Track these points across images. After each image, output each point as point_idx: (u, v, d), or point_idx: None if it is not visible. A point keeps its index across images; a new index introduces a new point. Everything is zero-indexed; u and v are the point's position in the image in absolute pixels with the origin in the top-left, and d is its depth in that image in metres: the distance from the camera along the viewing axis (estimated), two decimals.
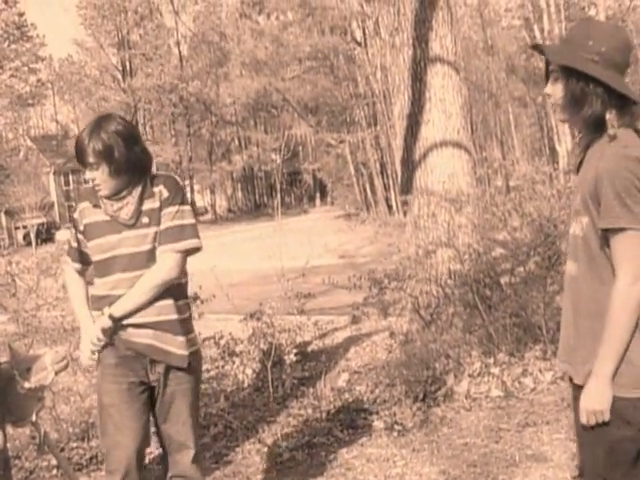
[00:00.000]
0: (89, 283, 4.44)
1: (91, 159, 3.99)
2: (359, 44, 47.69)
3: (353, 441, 6.27)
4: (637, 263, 2.99)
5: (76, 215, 4.27)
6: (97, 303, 4.25)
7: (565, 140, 41.39)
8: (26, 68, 73.07)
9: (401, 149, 9.89)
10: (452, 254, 8.20)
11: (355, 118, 51.96)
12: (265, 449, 6.23)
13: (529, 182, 8.09)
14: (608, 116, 3.10)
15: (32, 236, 60.48)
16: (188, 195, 4.16)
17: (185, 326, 4.21)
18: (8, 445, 4.54)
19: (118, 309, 4.08)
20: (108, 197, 4.09)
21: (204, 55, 71.26)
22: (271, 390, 6.96)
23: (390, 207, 45.75)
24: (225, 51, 66.93)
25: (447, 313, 8.11)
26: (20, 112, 79.25)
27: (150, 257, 4.09)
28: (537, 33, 47.29)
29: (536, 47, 3.46)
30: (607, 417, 3.08)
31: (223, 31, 67.39)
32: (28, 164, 73.66)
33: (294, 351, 7.80)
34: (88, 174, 4.05)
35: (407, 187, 9.66)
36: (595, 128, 3.15)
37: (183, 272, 4.23)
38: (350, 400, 7.05)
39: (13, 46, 71.28)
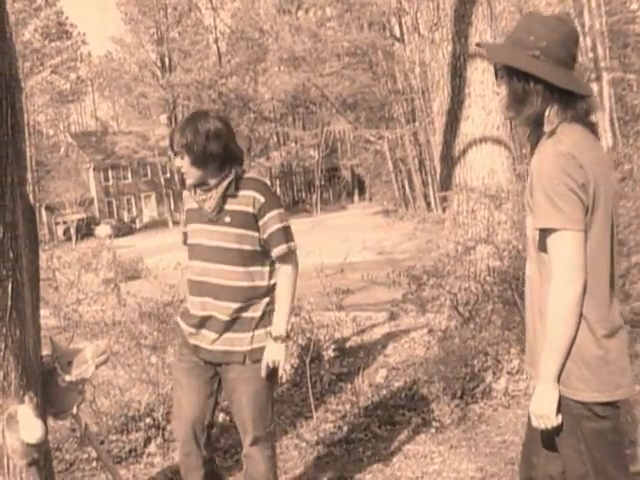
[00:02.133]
0: None
1: (176, 148, 4.35)
2: (398, 40, 47.63)
3: (391, 437, 6.26)
4: (570, 264, 2.93)
5: (183, 201, 4.67)
6: (189, 286, 4.58)
7: (605, 137, 41.01)
8: (66, 65, 73.70)
9: (440, 145, 9.88)
10: (491, 251, 8.15)
11: (394, 114, 51.91)
12: (303, 444, 6.24)
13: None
14: (547, 112, 3.07)
15: (72, 231, 61.07)
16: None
17: (252, 323, 4.40)
18: (49, 437, 4.59)
19: (280, 328, 4.37)
20: (194, 186, 4.42)
21: (242, 51, 71.42)
22: (309, 386, 6.96)
23: (429, 203, 45.67)
24: (263, 47, 67.07)
25: (486, 310, 8.06)
26: (60, 109, 79.99)
27: (232, 255, 4.33)
28: (577, 28, 46.83)
29: (479, 46, 3.44)
30: (554, 421, 3.04)
31: (261, 27, 67.50)
32: (68, 160, 74.35)
33: (332, 347, 7.80)
34: (176, 161, 4.41)
35: (446, 183, 9.64)
36: (538, 125, 3.12)
37: (262, 275, 4.43)
38: (388, 396, 7.04)
39: (53, 44, 71.92)
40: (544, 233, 2.99)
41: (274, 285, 4.45)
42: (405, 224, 37.25)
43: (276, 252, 4.38)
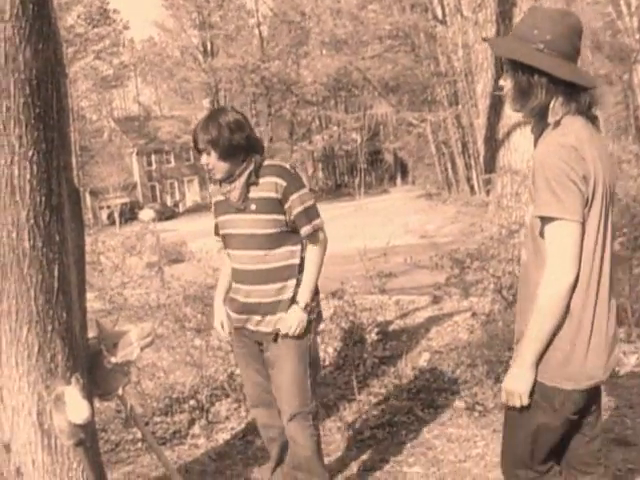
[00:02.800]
0: None
1: (201, 145, 4.50)
2: (440, 22, 47.25)
3: (434, 420, 6.26)
4: (565, 255, 2.96)
5: (210, 194, 4.90)
6: (231, 276, 4.80)
7: None
8: (109, 51, 74.09)
9: (484, 128, 9.81)
10: None
11: (436, 97, 51.61)
12: (346, 427, 6.25)
13: (615, 161, 7.95)
14: (551, 105, 3.09)
15: (116, 216, 61.53)
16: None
17: (282, 305, 4.58)
18: (95, 418, 4.64)
19: (302, 297, 4.57)
20: (222, 180, 4.59)
21: (284, 35, 71.30)
22: (352, 369, 6.97)
23: (472, 187, 45.42)
24: (305, 30, 66.91)
25: None
26: (104, 94, 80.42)
27: (263, 240, 4.51)
28: (623, 8, 46.17)
29: (485, 40, 3.46)
30: (525, 401, 3.10)
31: (303, 10, 67.30)
32: (111, 145, 74.80)
33: (375, 330, 7.79)
34: (202, 159, 4.55)
35: (490, 166, 9.58)
36: (542, 117, 3.14)
37: (293, 253, 4.60)
38: (431, 380, 7.03)
39: (96, 29, 72.29)
40: (543, 221, 3.02)
41: (296, 269, 4.63)
42: (448, 207, 37.03)
43: (303, 232, 4.58)
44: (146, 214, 59.79)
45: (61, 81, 4.51)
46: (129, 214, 64.71)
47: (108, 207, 68.00)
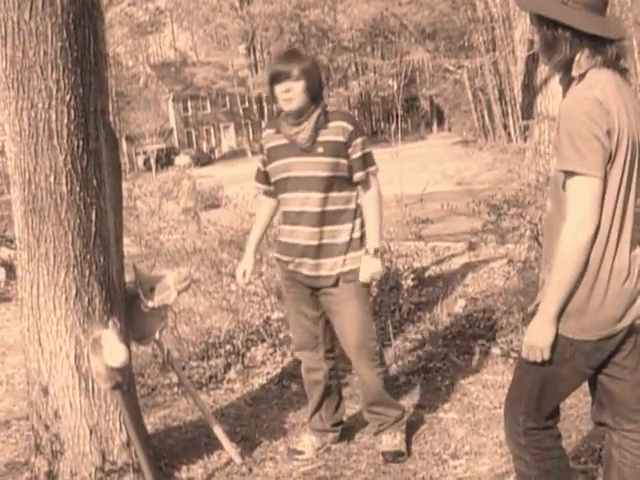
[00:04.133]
0: None
1: (296, 72, 4.47)
2: None
3: (469, 367, 6.26)
4: (584, 209, 2.93)
5: (262, 140, 4.82)
6: (280, 215, 4.84)
7: None
8: None
9: (521, 74, 9.68)
10: None
11: (473, 43, 50.97)
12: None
13: None
14: (577, 58, 3.03)
15: (152, 161, 61.65)
16: None
17: (342, 248, 4.63)
18: (132, 362, 4.68)
19: (374, 243, 4.65)
20: (291, 115, 4.54)
21: None
22: (388, 314, 6.97)
23: (508, 134, 44.98)
24: None
25: None
26: (139, 40, 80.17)
27: (326, 183, 4.54)
28: None
29: None
30: (547, 355, 3.08)
31: None
32: (148, 91, 74.73)
33: (411, 276, 7.77)
34: (285, 85, 4.48)
35: (527, 113, 9.47)
36: (568, 71, 3.09)
37: (350, 198, 4.64)
38: (467, 326, 7.02)
39: None
40: (565, 174, 2.99)
41: (359, 208, 4.68)
42: (484, 154, 36.75)
43: (356, 177, 4.61)
44: (182, 160, 59.79)
45: (98, 25, 4.50)
46: (165, 160, 64.76)
47: (144, 153, 68.15)
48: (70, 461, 4.53)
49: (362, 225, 4.68)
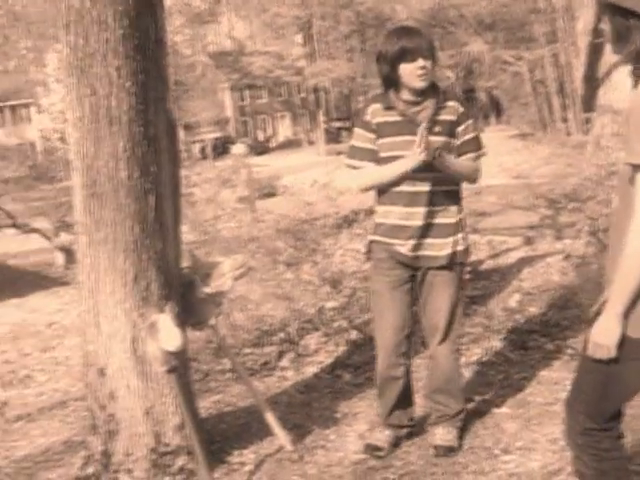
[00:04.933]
0: None
1: (430, 48, 4.48)
2: None
3: (523, 362, 6.20)
4: None
5: (368, 116, 4.65)
6: (384, 197, 4.69)
7: None
8: None
9: (583, 66, 9.57)
10: None
11: (534, 34, 50.45)
12: None
13: None
14: None
15: (208, 150, 61.99)
16: None
17: (454, 227, 4.64)
18: (187, 347, 4.73)
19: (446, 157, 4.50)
20: (417, 92, 4.49)
21: None
22: None
23: (567, 127, 44.49)
24: None
25: None
26: (197, 29, 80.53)
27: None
28: None
29: None
30: (613, 353, 2.99)
31: None
32: (205, 80, 75.05)
33: (467, 269, 7.74)
34: (422, 62, 4.43)
35: (588, 105, 9.36)
36: (639, 62, 3.01)
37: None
38: (522, 321, 6.97)
39: None
40: (634, 169, 2.90)
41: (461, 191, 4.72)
42: (542, 148, 36.26)
43: (466, 159, 4.63)
44: (238, 149, 59.91)
45: (158, 13, 4.54)
46: (221, 149, 64.99)
47: (201, 141, 68.47)
48: (125, 441, 4.59)
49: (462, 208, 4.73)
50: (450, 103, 4.57)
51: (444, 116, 4.54)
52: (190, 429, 4.45)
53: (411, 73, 4.43)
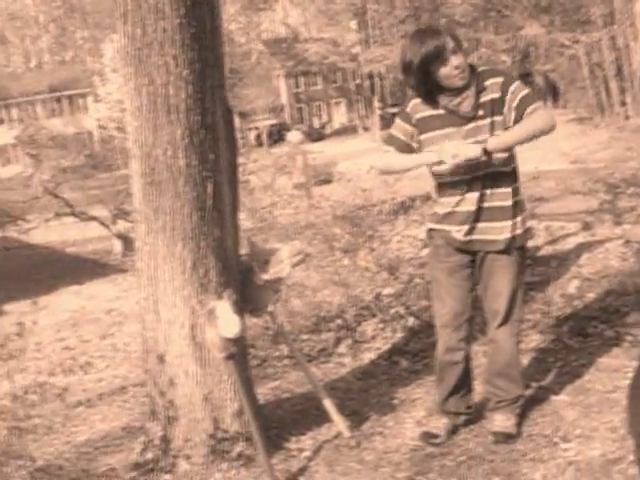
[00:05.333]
0: None
1: (452, 45, 4.32)
2: None
3: (582, 349, 6.13)
4: None
5: (408, 109, 4.58)
6: (441, 185, 4.63)
7: None
8: None
9: None
10: None
11: (591, 17, 49.77)
12: None
13: None
14: None
15: (264, 137, 62.21)
16: None
17: (512, 210, 4.54)
18: (245, 333, 4.75)
19: (495, 142, 4.38)
20: (457, 89, 4.38)
21: None
22: None
23: (626, 111, 43.87)
24: None
25: None
26: (251, 17, 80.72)
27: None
28: None
29: None
30: None
31: None
32: (260, 67, 75.26)
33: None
34: (454, 60, 4.32)
35: None
36: None
37: (510, 158, 4.54)
38: (580, 307, 6.89)
39: None
40: None
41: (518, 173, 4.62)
42: (600, 132, 35.89)
43: (528, 112, 4.43)
44: (293, 136, 60.09)
45: (214, 1, 4.56)
46: (277, 136, 65.26)
47: (256, 129, 68.76)
48: (183, 427, 4.64)
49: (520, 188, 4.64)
50: (489, 81, 4.44)
51: (487, 97, 4.43)
52: (248, 415, 4.48)
53: (448, 75, 4.34)
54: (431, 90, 4.43)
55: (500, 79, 4.44)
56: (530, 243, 8.27)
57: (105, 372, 7.54)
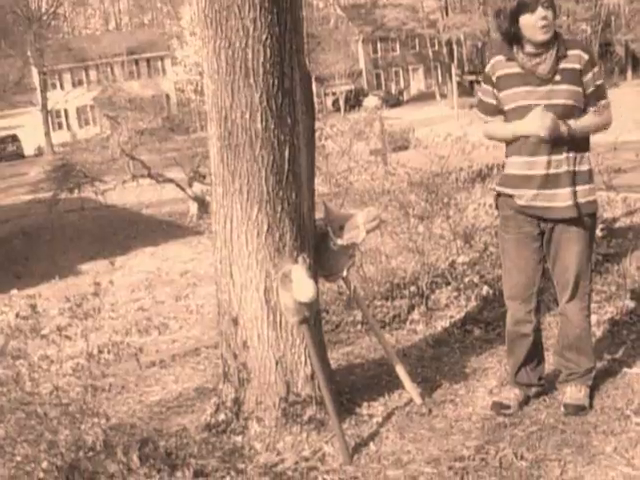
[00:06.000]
0: None
1: (547, 2, 4.38)
2: None
3: None
4: None
5: (488, 69, 4.67)
6: (510, 147, 4.66)
7: None
8: None
9: None
10: None
11: None
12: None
13: None
14: None
15: (341, 102, 62.12)
16: None
17: (578, 177, 4.51)
18: (318, 298, 4.76)
19: (579, 127, 4.45)
20: (538, 44, 4.43)
21: None
22: None
23: None
24: None
25: None
26: None
27: (563, 110, 4.42)
28: None
29: None
30: None
31: None
32: (337, 32, 74.99)
33: (600, 226, 7.56)
34: (543, 12, 4.37)
35: None
36: None
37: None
38: None
39: None
40: None
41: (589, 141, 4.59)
42: None
43: (589, 109, 4.51)
44: (371, 101, 60.00)
45: None
46: (354, 101, 65.13)
47: (333, 94, 68.73)
48: (256, 390, 4.68)
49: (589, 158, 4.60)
50: (573, 52, 4.45)
51: (567, 64, 4.44)
52: (321, 380, 4.50)
53: (533, 26, 4.38)
54: (516, 40, 4.49)
55: (586, 55, 4.46)
56: (607, 214, 8.20)
57: (179, 333, 7.64)
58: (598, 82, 4.50)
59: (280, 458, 4.42)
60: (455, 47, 69.29)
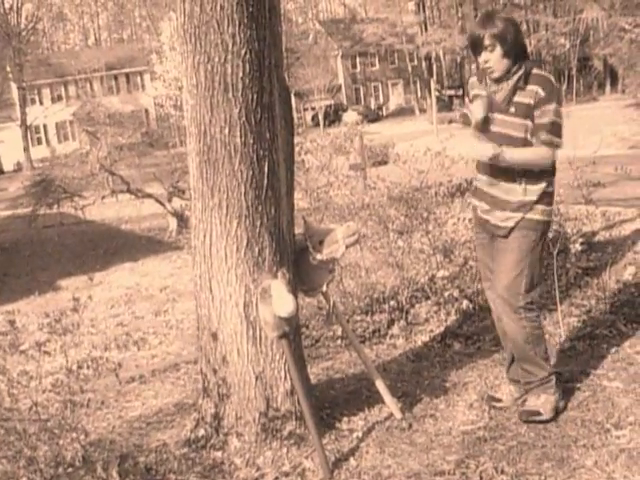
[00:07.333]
0: None
1: (488, 41, 4.51)
2: None
3: (637, 336, 6.06)
4: None
5: (468, 86, 4.92)
6: (478, 166, 4.87)
7: None
8: None
9: None
10: None
11: None
12: (547, 337, 6.15)
13: None
14: None
15: (320, 117, 62.22)
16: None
17: (518, 204, 4.63)
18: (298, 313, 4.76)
19: (508, 157, 4.54)
20: (496, 79, 4.61)
21: None
22: (554, 278, 6.85)
23: None
24: None
25: None
26: None
27: (509, 141, 4.57)
28: None
29: None
30: None
31: None
32: (317, 47, 75.21)
33: (580, 240, 7.60)
34: (483, 56, 4.55)
35: None
36: None
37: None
38: (636, 294, 6.81)
39: None
40: None
41: (543, 174, 4.64)
42: None
43: (536, 141, 4.56)
44: (350, 116, 60.13)
45: None
46: (333, 116, 65.36)
47: (313, 109, 68.85)
48: (235, 405, 4.67)
49: (540, 189, 4.64)
50: (531, 87, 4.53)
51: (522, 98, 4.55)
52: (300, 395, 4.49)
53: (481, 64, 4.60)
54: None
55: (542, 92, 4.52)
56: (586, 228, 8.24)
57: (158, 348, 7.62)
58: (546, 120, 4.53)
59: (260, 473, 4.42)
60: (434, 62, 69.60)
